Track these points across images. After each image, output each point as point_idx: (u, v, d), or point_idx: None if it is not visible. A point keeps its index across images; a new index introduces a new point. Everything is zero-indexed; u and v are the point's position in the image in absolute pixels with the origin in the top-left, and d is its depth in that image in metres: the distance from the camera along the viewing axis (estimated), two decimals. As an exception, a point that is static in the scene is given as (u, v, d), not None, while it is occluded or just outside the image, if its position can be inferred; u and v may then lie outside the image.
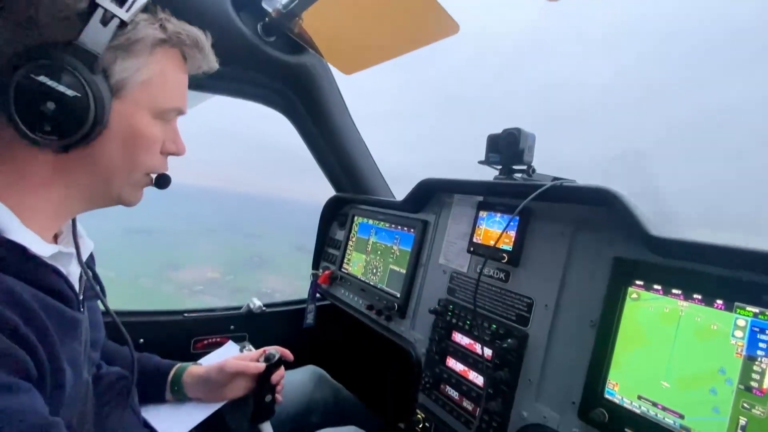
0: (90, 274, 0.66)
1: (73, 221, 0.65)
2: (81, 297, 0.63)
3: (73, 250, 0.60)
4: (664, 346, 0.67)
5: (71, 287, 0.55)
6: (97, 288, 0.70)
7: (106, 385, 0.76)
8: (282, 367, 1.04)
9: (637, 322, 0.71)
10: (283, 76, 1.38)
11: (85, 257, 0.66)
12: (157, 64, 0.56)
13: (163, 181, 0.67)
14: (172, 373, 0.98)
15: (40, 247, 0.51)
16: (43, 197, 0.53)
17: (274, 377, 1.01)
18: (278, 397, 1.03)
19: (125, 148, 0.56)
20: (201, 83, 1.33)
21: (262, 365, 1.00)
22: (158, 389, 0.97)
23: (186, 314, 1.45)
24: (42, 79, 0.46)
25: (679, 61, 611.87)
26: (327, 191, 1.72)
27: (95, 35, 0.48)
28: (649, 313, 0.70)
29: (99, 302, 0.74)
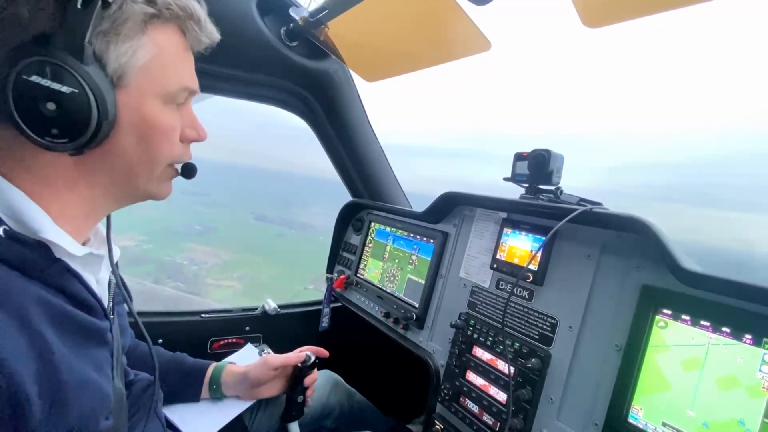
0: (121, 279, 0.66)
1: (108, 222, 0.64)
2: (111, 304, 0.63)
3: (103, 253, 0.59)
4: (690, 381, 0.68)
5: (93, 295, 0.55)
6: (125, 294, 0.70)
7: (137, 392, 0.76)
8: (315, 370, 1.06)
9: (665, 353, 0.72)
10: (304, 81, 1.38)
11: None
12: (152, 43, 0.52)
13: (188, 171, 0.65)
14: (209, 371, 0.99)
15: (73, 247, 0.51)
16: (71, 201, 0.53)
17: (307, 380, 1.03)
18: (308, 400, 1.06)
19: (142, 141, 0.54)
20: (218, 87, 1.33)
21: (302, 355, 1.02)
22: (194, 389, 0.97)
23: (203, 315, 1.47)
24: (34, 79, 0.44)
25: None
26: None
27: (77, 21, 0.44)
28: (677, 344, 0.71)
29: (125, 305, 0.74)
